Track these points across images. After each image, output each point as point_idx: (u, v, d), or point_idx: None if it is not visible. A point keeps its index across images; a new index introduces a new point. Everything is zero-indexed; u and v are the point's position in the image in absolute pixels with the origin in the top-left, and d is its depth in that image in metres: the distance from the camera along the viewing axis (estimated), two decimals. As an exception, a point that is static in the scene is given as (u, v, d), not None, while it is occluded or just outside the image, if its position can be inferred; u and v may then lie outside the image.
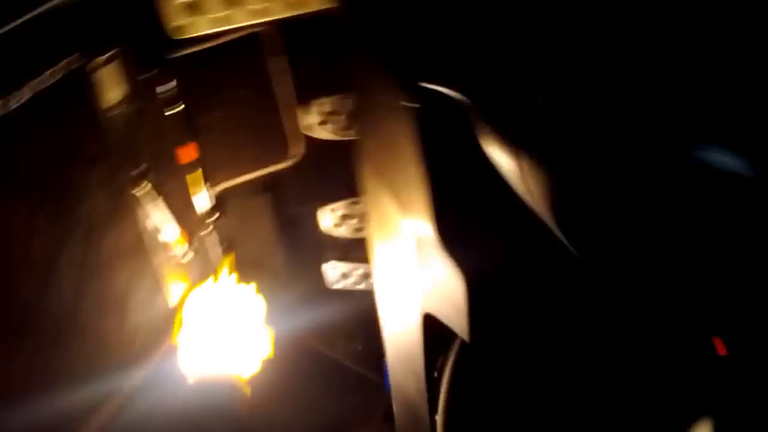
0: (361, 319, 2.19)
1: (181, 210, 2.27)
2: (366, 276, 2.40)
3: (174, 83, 2.08)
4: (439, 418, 1.74)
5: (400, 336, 1.82)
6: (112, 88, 1.93)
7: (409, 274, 1.69)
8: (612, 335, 1.44)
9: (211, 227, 2.39)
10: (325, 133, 2.19)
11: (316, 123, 2.20)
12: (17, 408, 1.72)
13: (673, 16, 1.28)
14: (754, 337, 1.15)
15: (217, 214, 2.39)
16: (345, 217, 2.28)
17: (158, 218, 2.17)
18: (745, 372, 1.18)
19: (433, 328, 1.70)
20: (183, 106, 2.12)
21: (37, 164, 1.78)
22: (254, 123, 2.34)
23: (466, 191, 1.59)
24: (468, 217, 1.59)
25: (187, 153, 2.20)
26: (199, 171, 2.25)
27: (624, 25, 1.31)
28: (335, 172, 2.14)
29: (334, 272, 2.44)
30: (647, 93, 1.25)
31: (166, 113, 2.11)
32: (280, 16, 2.02)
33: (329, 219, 2.30)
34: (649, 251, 1.21)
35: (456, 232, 1.56)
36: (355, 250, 2.34)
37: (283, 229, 2.56)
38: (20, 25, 1.61)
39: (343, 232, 2.29)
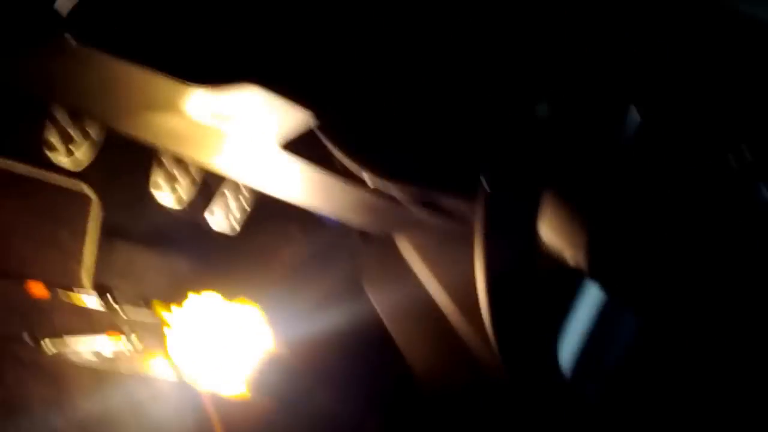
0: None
1: (88, 324, 2.25)
2: (241, 195, 2.41)
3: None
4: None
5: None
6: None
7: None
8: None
9: (118, 307, 2.36)
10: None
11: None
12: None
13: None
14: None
15: (108, 297, 2.36)
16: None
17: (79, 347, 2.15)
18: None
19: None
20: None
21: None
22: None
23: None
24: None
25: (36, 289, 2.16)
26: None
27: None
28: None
29: (218, 220, 2.43)
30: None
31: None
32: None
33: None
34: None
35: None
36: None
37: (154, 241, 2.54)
38: None
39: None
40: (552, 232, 1.10)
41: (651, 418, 1.38)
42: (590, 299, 1.37)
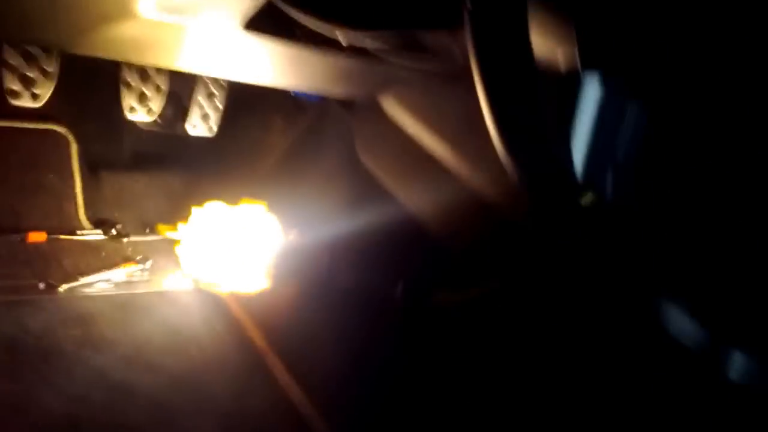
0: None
1: (99, 260, 2.27)
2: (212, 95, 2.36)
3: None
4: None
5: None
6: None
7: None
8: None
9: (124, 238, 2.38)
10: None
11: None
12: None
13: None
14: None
15: (113, 229, 2.37)
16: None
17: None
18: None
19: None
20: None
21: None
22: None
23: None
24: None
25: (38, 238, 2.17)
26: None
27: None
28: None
29: (193, 125, 2.38)
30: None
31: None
32: None
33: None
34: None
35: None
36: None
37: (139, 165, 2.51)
38: None
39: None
40: (542, 39, 1.09)
41: (669, 211, 1.41)
42: (591, 99, 1.37)
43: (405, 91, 1.88)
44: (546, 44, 1.09)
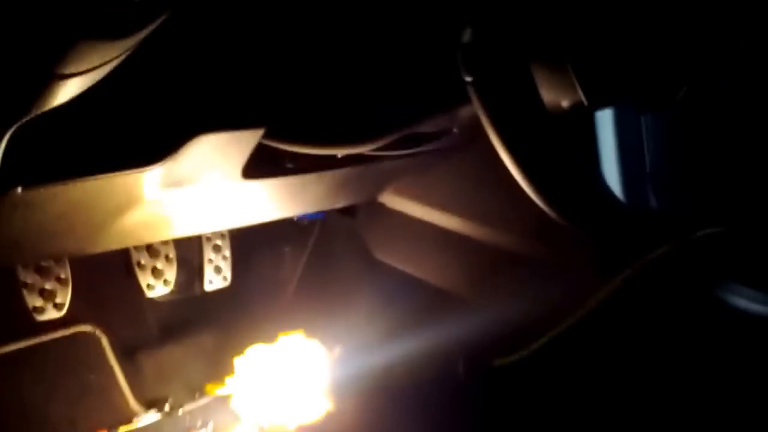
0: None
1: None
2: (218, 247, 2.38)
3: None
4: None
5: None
6: None
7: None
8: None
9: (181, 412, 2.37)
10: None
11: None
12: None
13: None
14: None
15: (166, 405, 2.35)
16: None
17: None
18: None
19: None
20: None
21: None
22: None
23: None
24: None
25: None
26: None
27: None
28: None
29: (210, 282, 2.40)
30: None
31: None
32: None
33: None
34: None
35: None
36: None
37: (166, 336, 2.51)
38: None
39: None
40: (548, 91, 1.13)
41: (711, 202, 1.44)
42: (606, 129, 1.42)
43: (404, 180, 1.92)
44: (553, 95, 1.13)
